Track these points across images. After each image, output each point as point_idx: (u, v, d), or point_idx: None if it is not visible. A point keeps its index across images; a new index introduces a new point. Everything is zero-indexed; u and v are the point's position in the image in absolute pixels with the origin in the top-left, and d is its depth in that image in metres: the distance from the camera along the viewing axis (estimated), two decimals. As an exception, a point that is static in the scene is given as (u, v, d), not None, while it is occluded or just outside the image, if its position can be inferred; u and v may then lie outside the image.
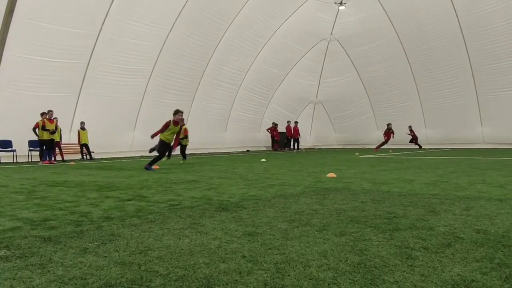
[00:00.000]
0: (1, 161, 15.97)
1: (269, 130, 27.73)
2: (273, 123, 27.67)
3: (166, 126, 11.37)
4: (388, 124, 23.84)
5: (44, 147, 15.59)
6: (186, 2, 18.65)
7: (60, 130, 16.83)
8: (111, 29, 17.19)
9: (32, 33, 15.32)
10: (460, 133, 24.32)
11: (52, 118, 15.72)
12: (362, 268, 2.55)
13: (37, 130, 15.58)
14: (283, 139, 27.97)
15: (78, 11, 15.96)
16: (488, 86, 22.84)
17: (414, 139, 25.20)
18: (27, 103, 16.10)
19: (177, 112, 11.63)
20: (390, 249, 2.96)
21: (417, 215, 4.22)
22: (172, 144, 11.94)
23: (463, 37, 22.13)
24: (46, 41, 15.82)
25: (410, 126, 25.28)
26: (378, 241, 3.18)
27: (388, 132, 23.63)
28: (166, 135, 11.46)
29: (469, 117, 23.84)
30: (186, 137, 14.46)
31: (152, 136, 11.68)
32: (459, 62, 23.12)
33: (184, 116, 22.19)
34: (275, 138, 27.71)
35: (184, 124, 12.90)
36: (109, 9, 16.63)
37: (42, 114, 15.63)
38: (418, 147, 25.01)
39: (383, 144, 23.87)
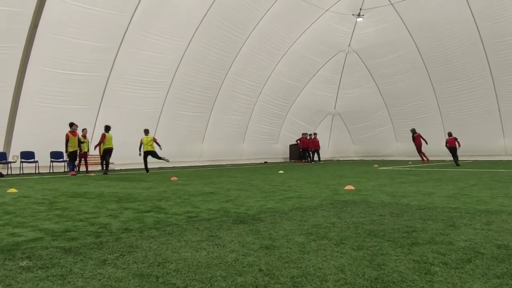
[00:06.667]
0: (24, 172, 16.32)
1: (298, 141, 27.40)
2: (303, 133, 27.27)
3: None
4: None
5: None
6: (205, 15, 18.92)
7: (88, 142, 17.22)
8: (131, 42, 17.52)
9: (55, 47, 15.73)
10: (481, 145, 23.84)
11: (75, 130, 15.98)
12: (379, 283, 2.52)
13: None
14: (298, 151, 27.62)
15: (99, 26, 16.35)
16: (510, 96, 22.44)
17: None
18: (49, 116, 16.49)
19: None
20: (409, 264, 2.93)
21: (436, 229, 4.16)
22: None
23: (484, 47, 21.84)
24: (69, 55, 16.22)
25: (413, 129, 21.84)
26: (396, 256, 3.14)
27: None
28: None
29: (491, 128, 23.42)
30: None
31: None
32: (479, 72, 22.79)
33: (202, 128, 22.62)
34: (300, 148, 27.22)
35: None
36: (129, 23, 16.99)
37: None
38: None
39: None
